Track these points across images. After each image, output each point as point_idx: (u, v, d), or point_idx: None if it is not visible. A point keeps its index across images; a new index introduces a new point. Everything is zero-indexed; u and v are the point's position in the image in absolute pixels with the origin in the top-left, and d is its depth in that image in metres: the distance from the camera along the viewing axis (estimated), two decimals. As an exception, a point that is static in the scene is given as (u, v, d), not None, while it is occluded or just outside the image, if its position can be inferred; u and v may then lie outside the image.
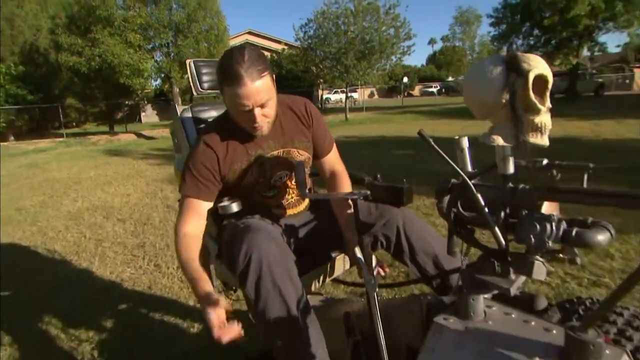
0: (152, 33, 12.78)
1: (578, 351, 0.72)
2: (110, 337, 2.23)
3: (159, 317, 2.39)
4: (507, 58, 0.73)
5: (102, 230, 4.17)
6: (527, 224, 0.76)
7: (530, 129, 0.75)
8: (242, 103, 1.15)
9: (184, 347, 2.07)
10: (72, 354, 2.09)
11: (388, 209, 1.33)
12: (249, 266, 1.07)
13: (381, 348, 0.98)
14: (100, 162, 9.36)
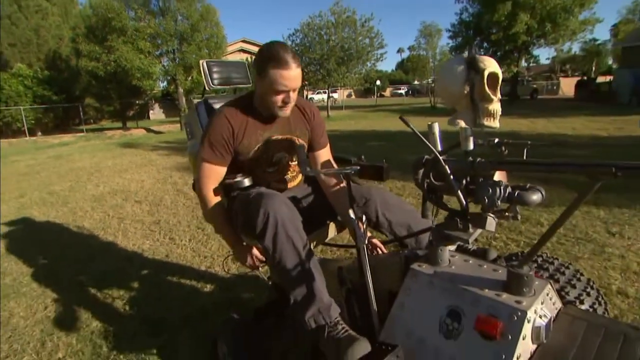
0: (159, 41, 12.40)
1: (516, 282, 0.80)
2: (138, 295, 2.25)
3: (177, 280, 2.42)
4: (467, 59, 0.78)
5: (123, 210, 4.11)
6: (483, 188, 0.82)
7: (485, 115, 0.81)
8: (285, 84, 1.19)
9: (200, 303, 2.11)
10: (107, 310, 2.11)
11: (367, 190, 1.36)
12: (267, 224, 1.10)
13: (369, 291, 1.03)
14: (116, 154, 9.12)
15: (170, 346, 1.73)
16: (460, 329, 0.82)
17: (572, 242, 2.52)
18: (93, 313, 2.07)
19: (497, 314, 0.78)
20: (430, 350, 0.86)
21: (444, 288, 0.90)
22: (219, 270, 2.51)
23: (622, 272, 2.11)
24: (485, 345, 0.78)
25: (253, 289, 2.23)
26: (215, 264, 2.61)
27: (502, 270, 0.96)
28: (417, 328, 0.91)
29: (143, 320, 1.96)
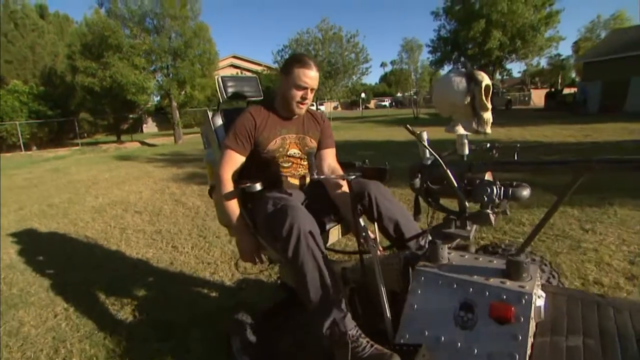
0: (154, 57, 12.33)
1: (516, 269, 0.86)
2: (146, 301, 2.23)
3: (182, 286, 2.41)
4: (468, 72, 0.85)
5: (124, 220, 4.06)
6: (481, 188, 0.89)
7: (482, 122, 0.88)
8: (305, 81, 1.36)
9: (207, 307, 2.11)
10: (117, 315, 2.09)
11: (365, 183, 1.39)
12: (290, 234, 1.14)
13: (382, 296, 1.03)
14: (112, 166, 8.97)
15: (181, 348, 1.72)
16: (475, 318, 0.86)
17: (552, 239, 2.62)
18: (103, 319, 2.05)
19: (508, 299, 0.84)
20: (449, 345, 0.88)
21: (451, 283, 0.94)
22: (223, 276, 2.51)
23: (596, 264, 2.22)
24: (501, 329, 0.82)
25: (258, 293, 2.24)
26: (219, 269, 2.61)
27: (496, 260, 1.02)
28: (432, 325, 0.93)
29: (153, 324, 1.95)
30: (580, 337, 0.85)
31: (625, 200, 3.38)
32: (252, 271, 2.43)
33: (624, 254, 2.35)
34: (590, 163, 0.76)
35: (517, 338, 0.80)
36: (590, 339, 0.84)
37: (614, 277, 2.07)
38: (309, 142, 1.53)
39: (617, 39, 18.49)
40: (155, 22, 12.15)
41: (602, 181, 3.91)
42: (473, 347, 0.84)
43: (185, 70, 12.47)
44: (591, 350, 0.81)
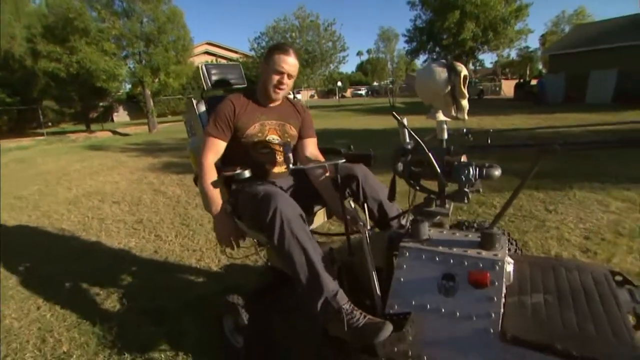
0: (125, 42, 11.70)
1: (489, 240, 0.97)
2: (133, 289, 2.23)
3: (169, 273, 2.41)
4: (449, 63, 0.93)
5: (101, 211, 3.95)
6: (460, 169, 0.98)
7: (460, 109, 0.97)
8: (282, 65, 1.41)
9: (197, 292, 2.14)
10: (105, 304, 2.08)
11: (351, 167, 1.45)
12: (274, 222, 1.17)
13: (371, 272, 1.11)
14: (83, 156, 8.58)
15: (175, 332, 1.76)
16: (456, 286, 0.96)
17: (520, 219, 2.83)
18: (90, 308, 2.04)
19: (484, 267, 0.94)
20: (434, 311, 0.98)
21: (433, 256, 1.04)
22: (209, 262, 2.53)
23: (557, 240, 2.44)
24: (479, 293, 0.93)
25: (245, 277, 2.29)
26: (205, 256, 2.63)
27: (471, 234, 1.13)
28: (418, 296, 1.02)
29: (143, 311, 1.96)
30: (541, 294, 0.98)
31: (583, 183, 3.67)
32: (238, 256, 2.47)
33: (581, 230, 2.59)
34: (551, 145, 0.86)
35: (493, 299, 0.91)
36: (549, 295, 0.97)
37: (572, 251, 2.29)
38: (289, 129, 1.57)
39: (579, 34, 19.44)
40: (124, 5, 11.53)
41: (563, 167, 4.21)
42: (456, 310, 0.95)
43: (159, 56, 11.96)
44: (550, 304, 0.94)
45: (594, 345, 0.82)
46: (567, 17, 38.02)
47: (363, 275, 1.26)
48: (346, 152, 1.53)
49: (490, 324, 0.90)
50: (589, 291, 1.00)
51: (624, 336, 0.84)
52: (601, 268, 1.12)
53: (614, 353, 0.79)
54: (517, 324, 0.90)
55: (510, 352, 0.86)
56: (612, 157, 4.74)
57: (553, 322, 0.90)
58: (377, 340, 0.95)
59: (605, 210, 2.97)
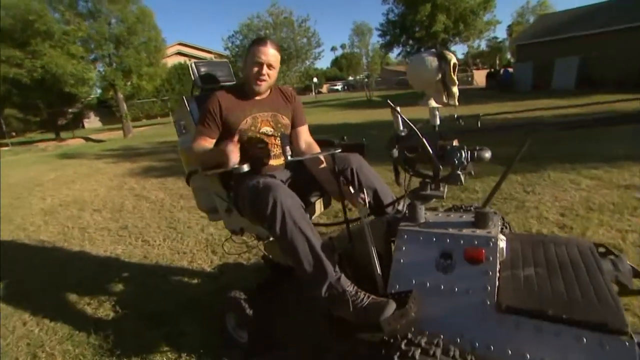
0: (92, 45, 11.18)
1: (483, 218, 1.02)
2: (126, 295, 2.18)
3: (162, 277, 2.37)
4: (438, 52, 0.97)
5: (82, 220, 3.82)
6: (453, 153, 1.02)
7: (451, 95, 1.01)
8: (260, 56, 1.42)
9: (192, 293, 2.12)
10: (97, 313, 2.02)
11: (346, 156, 1.48)
12: (275, 213, 1.18)
13: (373, 255, 1.14)
14: (56, 165, 8.21)
15: (175, 333, 1.74)
16: (454, 263, 1.01)
17: (501, 201, 2.96)
18: (82, 319, 1.97)
19: (479, 244, 1.00)
20: (434, 288, 1.03)
21: (430, 237, 1.08)
22: (202, 263, 2.51)
23: (537, 219, 2.58)
24: (475, 269, 0.99)
25: (239, 275, 2.28)
26: (196, 258, 2.60)
27: (464, 215, 1.18)
28: (417, 275, 1.07)
29: (140, 316, 1.92)
30: (532, 268, 1.04)
31: (556, 165, 3.87)
32: (233, 252, 2.47)
33: (557, 208, 2.74)
34: (536, 125, 0.92)
35: (488, 273, 0.97)
36: (539, 268, 1.04)
37: (550, 227, 2.43)
38: (281, 119, 1.57)
39: (543, 24, 20.25)
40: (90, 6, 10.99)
41: (537, 151, 4.41)
42: (454, 286, 1.00)
43: (130, 59, 11.50)
44: (540, 276, 1.01)
45: (581, 309, 0.89)
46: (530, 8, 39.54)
47: (363, 261, 1.30)
48: (339, 142, 1.56)
49: (487, 296, 0.95)
50: (575, 262, 1.07)
51: (608, 301, 0.91)
52: (586, 242, 1.20)
53: (599, 316, 0.86)
54: (511, 295, 0.96)
55: (506, 320, 0.92)
56: (580, 139, 5.01)
57: (544, 291, 0.97)
58: (382, 317, 0.99)
59: (577, 188, 3.15)
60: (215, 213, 1.68)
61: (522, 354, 0.86)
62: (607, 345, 0.81)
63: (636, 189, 2.91)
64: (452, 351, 0.84)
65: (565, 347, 0.83)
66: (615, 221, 2.45)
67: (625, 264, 1.15)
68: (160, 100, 21.49)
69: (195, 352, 1.58)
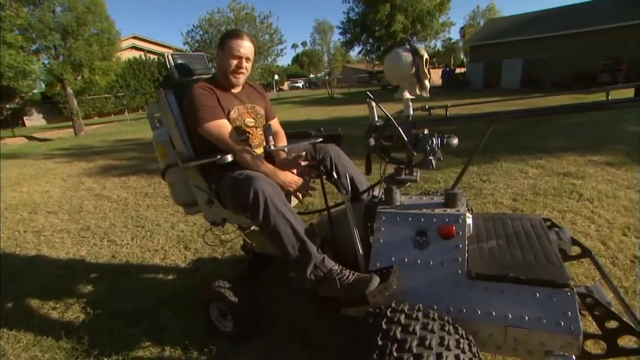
0: (34, 34, 10.15)
1: (452, 199, 1.14)
2: (98, 296, 2.09)
3: (135, 275, 2.29)
4: (412, 48, 1.06)
5: (35, 223, 3.53)
6: (425, 140, 1.13)
7: (423, 88, 1.12)
8: (239, 50, 1.43)
9: (169, 289, 2.08)
10: (64, 317, 1.92)
11: (324, 147, 1.54)
12: (257, 201, 1.22)
13: (354, 235, 1.21)
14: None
15: (155, 329, 1.70)
16: (428, 240, 1.13)
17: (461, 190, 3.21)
18: (49, 324, 1.86)
19: (450, 221, 1.11)
20: (412, 263, 1.13)
21: (406, 217, 1.19)
22: (175, 259, 2.46)
23: (493, 204, 2.84)
24: (447, 243, 1.10)
25: (216, 269, 2.28)
26: (169, 254, 2.55)
27: (436, 197, 1.30)
28: (396, 252, 1.16)
29: (115, 315, 1.86)
30: (494, 240, 1.19)
31: (507, 156, 4.24)
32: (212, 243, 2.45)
33: (509, 194, 3.03)
34: (498, 114, 1.05)
35: (459, 247, 1.09)
36: (500, 240, 1.19)
37: (505, 210, 2.69)
38: (259, 110, 1.61)
39: (492, 27, 21.75)
40: (30, -9, 9.98)
41: (491, 144, 4.79)
42: (430, 260, 1.11)
43: (81, 51, 10.55)
44: (501, 247, 1.16)
45: (535, 270, 1.04)
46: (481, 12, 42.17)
47: (344, 245, 1.37)
48: (316, 133, 1.62)
49: (459, 267, 1.07)
50: (528, 234, 1.23)
51: (555, 263, 1.07)
52: (536, 217, 1.38)
53: (549, 275, 1.01)
54: (479, 263, 1.09)
55: (475, 286, 1.05)
56: (526, 133, 5.51)
57: (505, 258, 1.11)
58: (367, 291, 1.07)
59: (525, 176, 3.49)
60: (193, 206, 1.66)
61: (489, 312, 0.99)
62: (555, 297, 0.96)
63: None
64: (431, 314, 0.95)
65: (523, 302, 0.97)
66: (556, 203, 2.76)
67: (566, 234, 1.34)
68: (114, 97, 20.12)
69: (180, 344, 1.57)
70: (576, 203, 2.76)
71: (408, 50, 1.07)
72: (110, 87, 13.32)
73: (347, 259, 1.33)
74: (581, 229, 2.34)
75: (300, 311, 1.70)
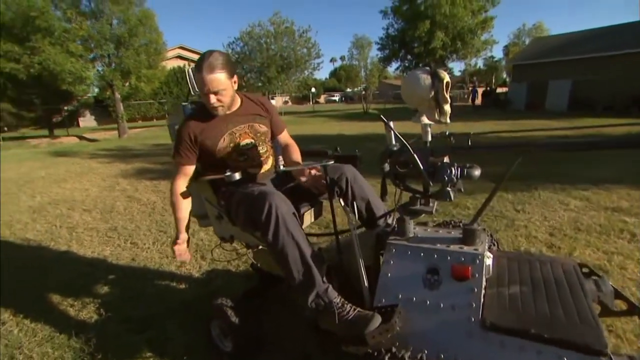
0: (93, 44, 11.20)
1: (470, 235, 1.04)
2: (112, 298, 2.14)
3: (150, 280, 2.34)
4: (432, 70, 1.00)
5: (71, 219, 3.76)
6: (443, 169, 1.04)
7: (443, 113, 1.04)
8: (203, 88, 1.34)
9: (180, 298, 2.09)
10: (80, 316, 1.98)
11: (341, 167, 1.47)
12: (269, 219, 1.18)
13: (360, 268, 1.14)
14: (48, 163, 8.10)
15: (159, 339, 1.71)
16: (440, 279, 1.02)
17: (492, 219, 3.00)
18: (64, 321, 1.93)
19: (466, 261, 1.01)
20: (420, 303, 1.03)
21: (418, 252, 1.09)
22: (190, 269, 2.49)
23: (526, 237, 2.61)
24: (461, 285, 1.00)
25: (228, 282, 2.27)
26: (185, 263, 2.58)
27: (453, 231, 1.20)
28: (404, 289, 1.07)
29: (124, 320, 1.89)
30: (517, 286, 1.06)
31: (546, 185, 3.93)
32: (222, 259, 2.45)
33: (546, 228, 2.78)
34: (528, 146, 0.95)
35: (474, 291, 0.98)
36: (524, 286, 1.06)
37: (539, 247, 2.46)
38: (259, 127, 1.54)
39: (538, 46, 20.81)
40: (93, 6, 11.05)
41: (529, 171, 4.49)
42: (440, 302, 1.01)
43: (130, 60, 11.50)
44: (525, 294, 1.03)
45: (563, 329, 0.91)
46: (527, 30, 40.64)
47: (351, 273, 1.30)
48: (333, 153, 1.58)
49: (472, 313, 0.96)
50: (559, 282, 1.09)
51: (589, 322, 0.93)
52: (570, 261, 1.22)
53: (581, 337, 0.88)
54: (496, 312, 0.97)
55: (490, 338, 0.93)
56: (570, 161, 5.11)
57: (528, 310, 0.98)
58: (366, 330, 0.99)
59: (565, 208, 3.20)
60: (206, 219, 1.67)
61: (504, 371, 0.87)
62: (587, 365, 0.82)
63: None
64: (435, 366, 0.85)
65: (546, 366, 0.84)
66: (602, 243, 2.49)
67: (607, 285, 1.17)
68: (158, 103, 21.49)
69: (180, 357, 1.56)
70: (627, 244, 2.46)
71: (427, 72, 1.01)
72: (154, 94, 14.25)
73: (356, 288, 1.25)
74: (632, 276, 2.07)
75: (303, 336, 1.63)
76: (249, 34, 17.78)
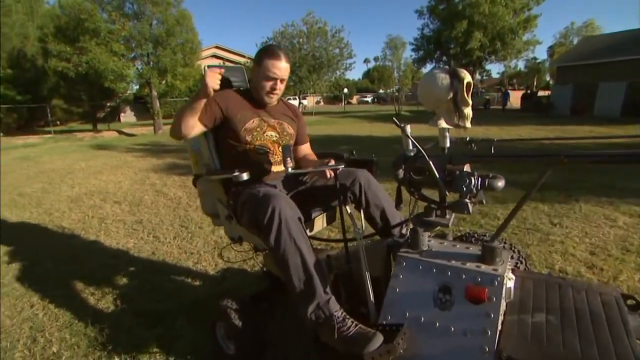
0: (134, 44, 11.90)
1: (490, 253, 0.93)
2: (129, 290, 2.20)
3: (166, 275, 2.39)
4: (451, 70, 0.90)
5: (102, 210, 3.96)
6: (461, 179, 0.95)
7: (463, 116, 0.94)
8: (274, 72, 1.40)
9: (193, 295, 2.11)
10: (99, 305, 2.06)
11: (355, 172, 1.42)
12: (272, 222, 1.15)
13: (366, 281, 1.08)
14: (88, 156, 8.64)
15: (168, 335, 1.73)
16: (452, 300, 0.93)
17: (523, 232, 2.78)
18: (83, 309, 2.01)
19: (482, 282, 0.91)
20: (428, 324, 0.94)
21: (430, 268, 1.00)
22: (206, 266, 2.51)
23: (562, 255, 2.38)
24: (475, 309, 0.89)
25: (242, 281, 2.26)
26: (202, 259, 2.61)
27: (472, 247, 1.09)
28: (412, 307, 0.99)
29: (137, 313, 1.93)
30: (543, 314, 0.93)
31: (589, 197, 3.60)
32: (235, 260, 2.45)
33: (586, 245, 2.53)
34: (559, 157, 0.83)
35: (490, 316, 0.88)
36: (552, 316, 0.93)
37: (577, 266, 2.23)
38: (287, 128, 1.56)
39: (588, 46, 19.35)
40: (135, 8, 11.72)
41: (569, 180, 4.14)
42: (450, 325, 0.91)
43: (167, 58, 12.08)
44: (552, 325, 0.90)
45: (595, 369, 0.78)
46: (575, 29, 37.99)
47: (360, 284, 1.23)
48: (348, 157, 1.51)
49: (486, 342, 0.86)
50: (596, 314, 0.95)
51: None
52: (612, 290, 1.06)
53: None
54: (515, 343, 0.86)
55: None
56: (620, 170, 4.65)
57: (553, 344, 0.86)
58: (366, 350, 0.92)
59: (612, 225, 2.90)
60: (219, 218, 1.66)
61: (520, 414, 0.76)
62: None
63: None
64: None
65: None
66: (653, 266, 2.22)
67: (656, 322, 1.01)
68: (192, 100, 22.32)
69: (184, 357, 1.56)
70: (683, 270, 2.18)
71: (446, 71, 0.92)
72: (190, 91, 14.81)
73: (362, 299, 1.18)
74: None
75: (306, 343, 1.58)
76: (281, 34, 18.01)
